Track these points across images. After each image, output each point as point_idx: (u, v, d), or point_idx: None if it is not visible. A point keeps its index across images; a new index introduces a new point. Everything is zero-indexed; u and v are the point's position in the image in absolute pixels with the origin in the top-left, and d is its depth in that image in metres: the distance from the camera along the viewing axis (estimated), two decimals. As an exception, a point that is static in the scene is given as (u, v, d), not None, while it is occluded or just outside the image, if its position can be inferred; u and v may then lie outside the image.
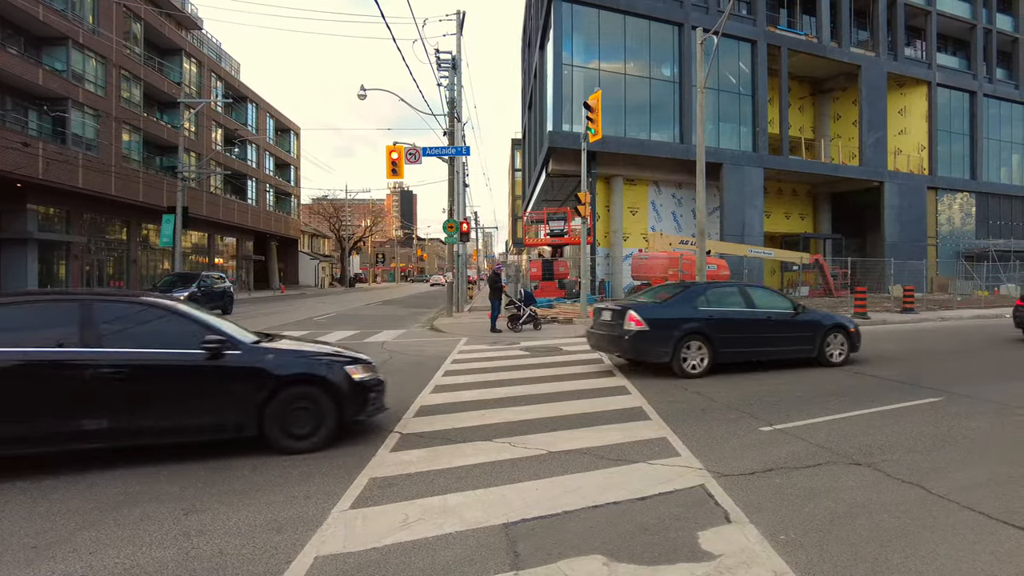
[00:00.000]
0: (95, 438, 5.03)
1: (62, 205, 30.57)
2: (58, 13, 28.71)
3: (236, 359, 5.43)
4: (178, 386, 5.30)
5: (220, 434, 5.42)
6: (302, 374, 5.61)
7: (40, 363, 4.94)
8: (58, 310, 5.39)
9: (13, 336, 4.99)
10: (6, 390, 4.85)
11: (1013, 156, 42.29)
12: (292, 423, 5.48)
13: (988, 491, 4.41)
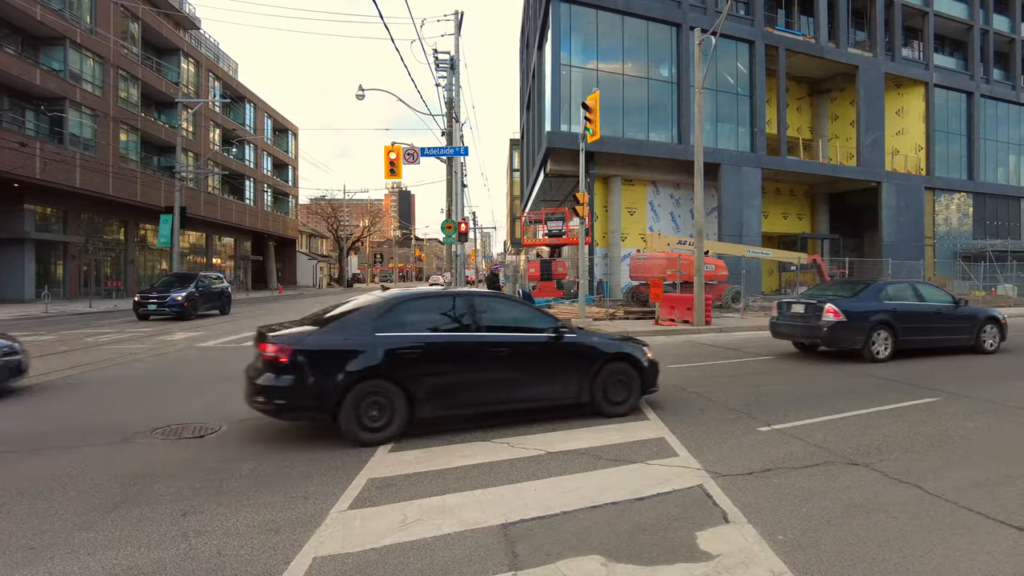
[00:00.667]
0: (502, 403, 6.42)
1: (59, 205, 30.52)
2: (55, 13, 28.67)
3: (572, 340, 6.72)
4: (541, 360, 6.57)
5: (566, 400, 6.66)
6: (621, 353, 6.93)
7: (465, 343, 6.25)
8: (454, 302, 6.58)
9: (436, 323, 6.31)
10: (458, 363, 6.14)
11: (1010, 156, 42.39)
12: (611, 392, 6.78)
13: (985, 491, 4.42)
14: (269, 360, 5.63)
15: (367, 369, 5.72)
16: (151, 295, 21.46)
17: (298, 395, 5.63)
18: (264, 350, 5.73)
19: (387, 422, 5.77)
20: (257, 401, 5.70)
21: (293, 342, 5.74)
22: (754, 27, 32.05)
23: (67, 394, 8.41)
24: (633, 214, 31.58)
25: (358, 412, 5.66)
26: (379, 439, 5.70)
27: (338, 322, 6.13)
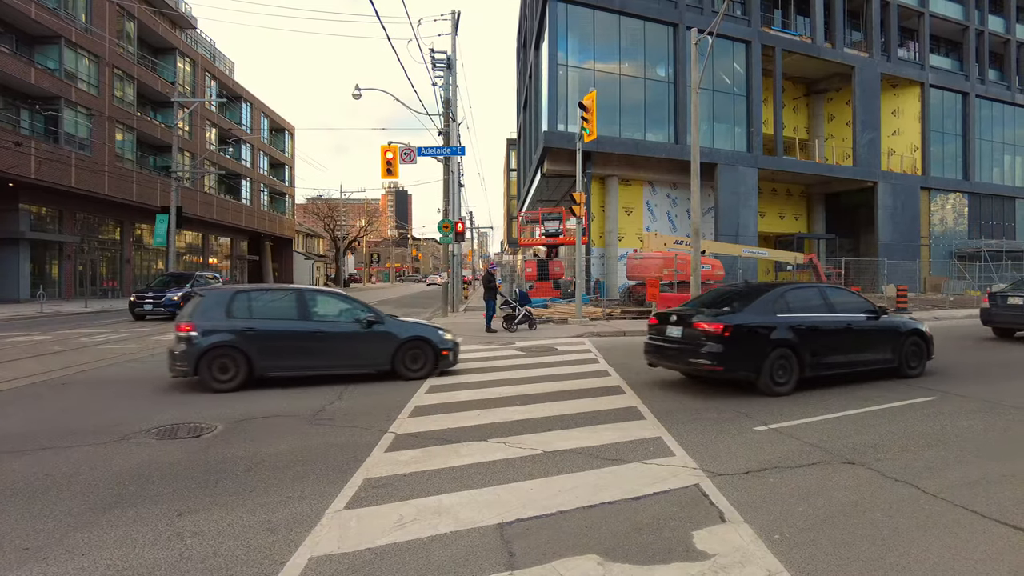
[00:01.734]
0: None
1: (55, 205, 30.42)
2: (51, 12, 28.57)
3: None
4: None
5: None
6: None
7: None
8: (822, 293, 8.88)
9: None
10: None
11: (1005, 157, 42.55)
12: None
13: (981, 490, 4.43)
14: (714, 334, 7.72)
15: (779, 340, 7.87)
16: (147, 295, 21.42)
17: (736, 360, 7.74)
18: (702, 327, 7.85)
19: (786, 381, 7.92)
20: (701, 364, 7.77)
21: (730, 321, 7.82)
22: (751, 27, 32.10)
23: (62, 394, 8.38)
24: (630, 214, 31.60)
25: (772, 372, 7.81)
26: (784, 391, 7.86)
27: (750, 306, 8.25)
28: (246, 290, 9.17)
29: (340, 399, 7.84)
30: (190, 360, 8.28)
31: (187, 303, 9.43)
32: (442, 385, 8.79)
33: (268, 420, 6.71)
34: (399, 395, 8.04)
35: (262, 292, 9.34)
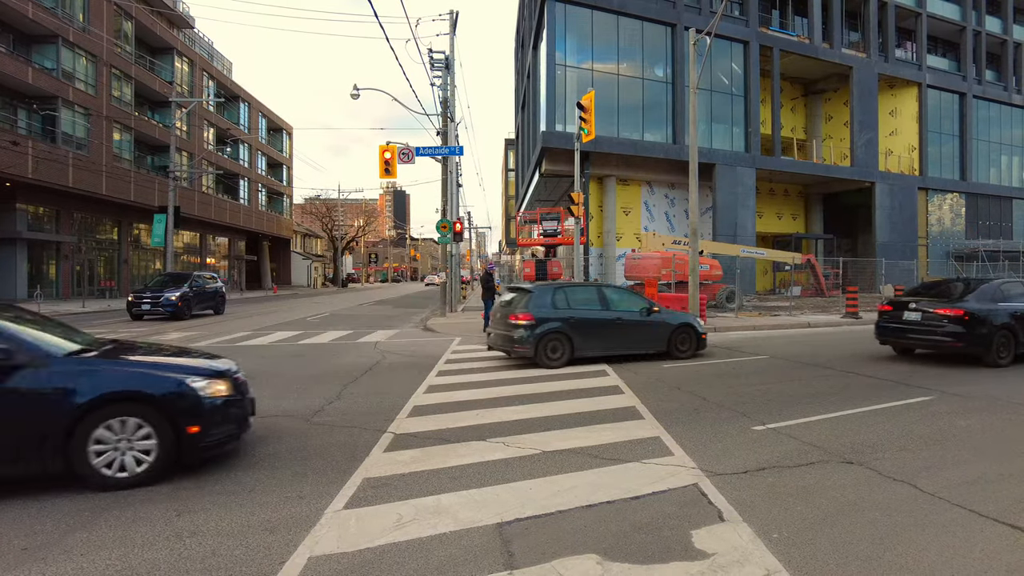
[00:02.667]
0: None
1: (52, 204, 30.36)
2: (48, 11, 28.51)
3: None
4: None
5: None
6: None
7: None
8: None
9: None
10: None
11: (1002, 157, 42.65)
12: None
13: (978, 489, 4.45)
14: (955, 318, 9.86)
15: (1002, 324, 9.90)
16: (145, 295, 21.37)
17: (971, 338, 9.79)
18: (945, 312, 9.96)
19: (1007, 356, 9.94)
20: (943, 341, 10.02)
21: (967, 307, 9.85)
22: (748, 27, 32.14)
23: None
24: (628, 214, 31.63)
25: (997, 349, 9.81)
26: (1004, 363, 9.89)
27: (974, 295, 10.20)
28: (563, 286, 10.92)
29: (339, 399, 7.84)
30: (531, 343, 10.02)
31: (515, 297, 10.88)
32: (440, 385, 8.79)
33: (267, 420, 6.70)
34: (398, 395, 8.04)
35: (574, 287, 11.07)
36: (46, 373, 4.48)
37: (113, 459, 4.52)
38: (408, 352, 12.70)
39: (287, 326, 18.94)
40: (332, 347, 13.67)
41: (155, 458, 4.61)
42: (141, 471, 4.58)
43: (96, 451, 4.47)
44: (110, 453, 4.51)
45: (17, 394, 4.37)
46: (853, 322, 18.50)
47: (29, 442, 4.36)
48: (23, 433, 4.35)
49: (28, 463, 4.36)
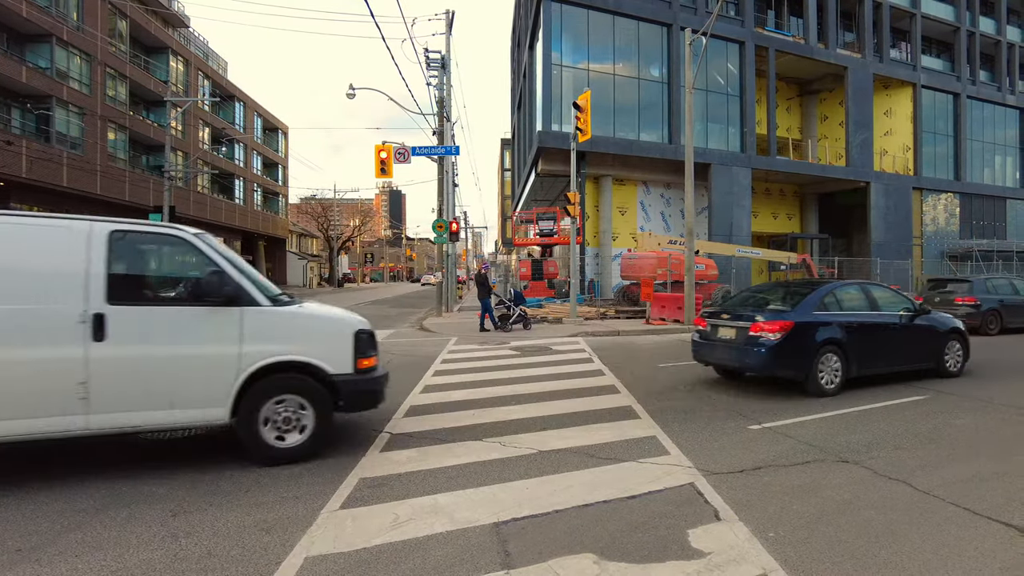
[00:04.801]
0: None
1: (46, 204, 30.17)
2: (41, 10, 28.36)
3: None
4: None
5: None
6: None
7: None
8: None
9: None
10: None
11: (996, 157, 42.82)
12: None
13: (973, 487, 4.47)
14: None
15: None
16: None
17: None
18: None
19: None
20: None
21: None
22: (744, 28, 32.20)
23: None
24: (624, 214, 31.65)
25: None
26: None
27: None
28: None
29: (335, 399, 7.81)
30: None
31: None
32: (436, 385, 8.79)
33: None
34: (394, 395, 8.02)
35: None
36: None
37: None
38: (404, 352, 12.69)
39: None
40: (328, 347, 13.61)
41: None
42: None
43: None
44: None
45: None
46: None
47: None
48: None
49: None
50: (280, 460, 5.10)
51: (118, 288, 4.75)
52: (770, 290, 9.90)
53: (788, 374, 7.94)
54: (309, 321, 5.45)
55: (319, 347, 5.32)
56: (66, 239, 4.70)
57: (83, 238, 4.75)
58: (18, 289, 4.51)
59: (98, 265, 4.70)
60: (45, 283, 4.58)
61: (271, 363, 5.10)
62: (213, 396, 4.96)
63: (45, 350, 4.53)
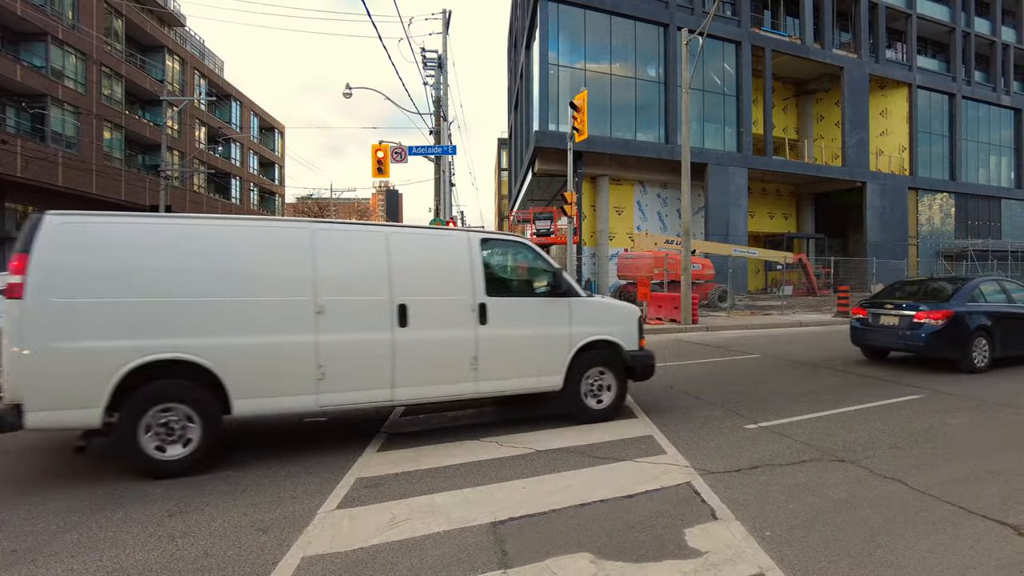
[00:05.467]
0: None
1: (41, 204, 30.02)
2: (37, 8, 28.25)
3: None
4: None
5: None
6: None
7: None
8: None
9: None
10: None
11: (991, 157, 43.00)
12: None
13: (968, 486, 4.49)
14: None
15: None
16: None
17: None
18: None
19: None
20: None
21: None
22: (741, 28, 32.25)
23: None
24: (621, 213, 31.67)
25: None
26: None
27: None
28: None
29: (331, 399, 7.80)
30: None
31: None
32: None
33: (259, 419, 6.68)
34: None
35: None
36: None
37: None
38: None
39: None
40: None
41: None
42: None
43: None
44: None
45: None
46: (844, 321, 18.59)
47: None
48: None
49: None
50: (594, 420, 6.44)
51: (490, 283, 6.08)
52: (915, 284, 11.37)
53: (947, 355, 9.52)
54: (611, 308, 6.90)
55: (619, 328, 6.74)
56: (457, 245, 6.05)
57: (466, 244, 6.06)
58: (438, 284, 5.87)
59: (478, 265, 6.02)
60: (453, 279, 5.95)
61: (591, 341, 6.48)
62: (555, 367, 6.32)
63: (454, 331, 5.83)
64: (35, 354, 4.50)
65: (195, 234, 5.11)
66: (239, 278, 5.11)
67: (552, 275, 6.47)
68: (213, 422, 4.91)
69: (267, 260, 5.26)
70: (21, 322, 4.48)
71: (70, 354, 4.57)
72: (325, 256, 5.44)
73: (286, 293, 5.24)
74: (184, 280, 4.93)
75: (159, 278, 4.86)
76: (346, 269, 5.55)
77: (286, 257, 5.32)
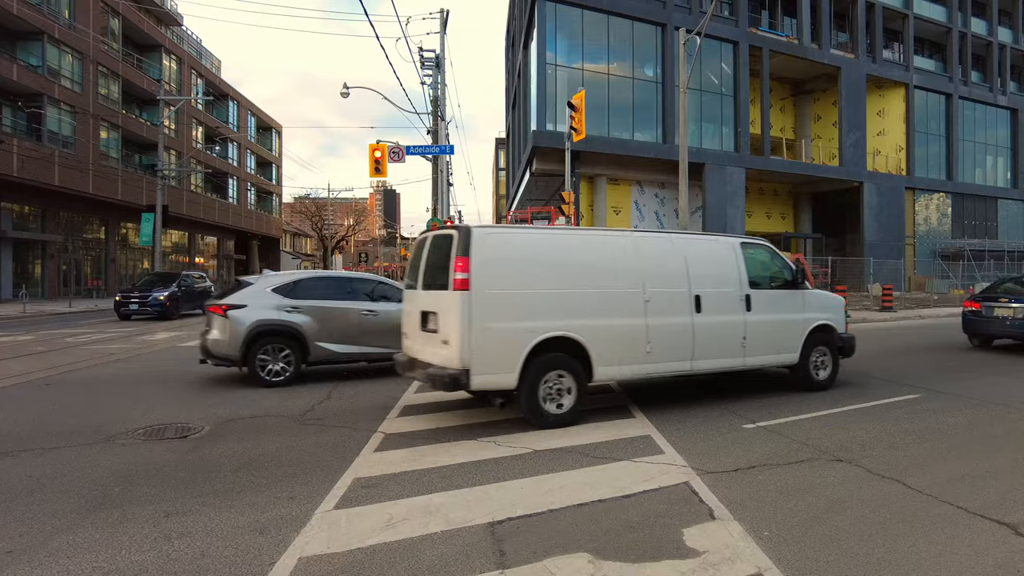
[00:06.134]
0: None
1: (38, 203, 30.02)
2: (33, 7, 28.19)
3: None
4: None
5: None
6: None
7: None
8: None
9: None
10: None
11: (987, 158, 43.09)
12: None
13: (966, 485, 4.49)
14: None
15: None
16: (133, 295, 21.19)
17: None
18: None
19: None
20: None
21: None
22: (738, 28, 32.27)
23: (46, 395, 8.26)
24: (618, 213, 31.67)
25: None
26: None
27: None
28: None
29: (329, 399, 7.80)
30: None
31: None
32: (431, 384, 8.76)
33: (256, 420, 6.67)
34: (388, 394, 8.01)
35: None
36: None
37: None
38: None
39: (277, 326, 18.80)
40: (322, 347, 13.58)
41: None
42: None
43: None
44: None
45: None
46: (841, 321, 18.63)
47: None
48: None
49: None
50: (817, 390, 8.05)
51: (755, 280, 7.72)
52: (1015, 282, 12.68)
53: None
54: (829, 298, 8.70)
55: (834, 315, 8.40)
56: (726, 247, 7.70)
57: (732, 247, 7.71)
58: (718, 279, 7.42)
59: (741, 264, 7.62)
60: (727, 275, 7.50)
61: (817, 325, 8.08)
62: (793, 346, 7.91)
63: (730, 316, 7.41)
64: (478, 332, 5.91)
65: (565, 242, 6.77)
66: (595, 274, 6.61)
67: (790, 271, 8.15)
68: (581, 386, 6.37)
69: (612, 261, 6.76)
70: (469, 308, 5.89)
71: (499, 332, 6.02)
72: (647, 258, 7.00)
73: (627, 286, 6.74)
74: (563, 276, 6.42)
75: (549, 275, 6.36)
76: (660, 268, 7.05)
77: (623, 259, 6.83)
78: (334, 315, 9.16)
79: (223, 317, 8.66)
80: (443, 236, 6.45)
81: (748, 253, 7.80)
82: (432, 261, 6.64)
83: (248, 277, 9.99)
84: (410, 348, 7.03)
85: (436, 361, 6.20)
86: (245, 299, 8.87)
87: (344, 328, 9.18)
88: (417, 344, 6.77)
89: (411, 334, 6.99)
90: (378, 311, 9.40)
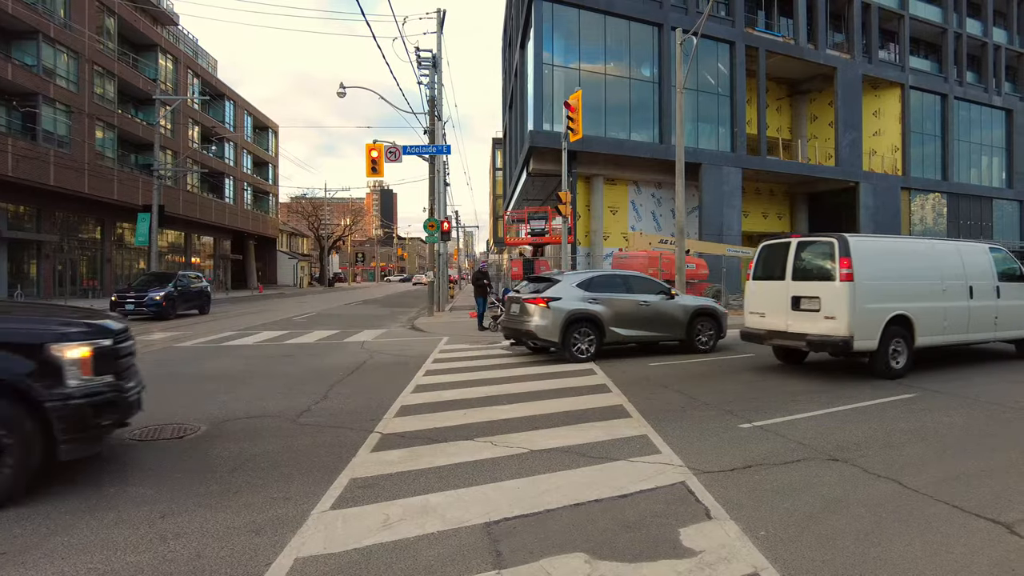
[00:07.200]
0: None
1: (33, 203, 29.90)
2: (28, 6, 28.07)
3: None
4: None
5: None
6: None
7: None
8: None
9: None
10: None
11: (983, 158, 43.25)
12: None
13: (961, 485, 4.50)
14: None
15: None
16: (128, 295, 21.14)
17: None
18: None
19: None
20: None
21: None
22: (734, 28, 32.33)
23: (41, 396, 8.20)
24: (615, 213, 31.71)
25: None
26: None
27: None
28: None
29: (325, 399, 7.79)
30: None
31: None
32: (428, 385, 8.77)
33: (253, 420, 6.65)
34: (385, 395, 8.00)
35: None
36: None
37: None
38: (395, 352, 12.65)
39: (273, 326, 18.81)
40: (318, 347, 13.59)
41: None
42: None
43: None
44: None
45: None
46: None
47: None
48: None
49: None
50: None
51: (1000, 274, 10.32)
52: None
53: None
54: None
55: None
56: (981, 250, 10.44)
57: (985, 249, 10.49)
58: (980, 273, 10.08)
59: (992, 262, 10.32)
60: (984, 270, 10.18)
61: None
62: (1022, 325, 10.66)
63: (989, 301, 10.07)
64: (859, 311, 8.50)
65: (902, 247, 9.66)
66: (918, 271, 9.41)
67: (1019, 267, 10.65)
68: (910, 350, 9.12)
69: (929, 261, 9.65)
70: (854, 294, 8.49)
71: (870, 311, 8.62)
72: (942, 259, 9.77)
73: (935, 279, 9.47)
74: (901, 272, 9.16)
75: (894, 270, 9.08)
76: (950, 266, 9.74)
77: (933, 260, 9.68)
78: (621, 305, 11.22)
79: (546, 308, 10.66)
80: (820, 242, 9.06)
81: (994, 255, 10.40)
82: (806, 259, 9.17)
83: (549, 273, 12.85)
84: (768, 323, 9.58)
85: (816, 331, 8.69)
86: (559, 292, 10.88)
87: (628, 316, 11.23)
88: (783, 320, 9.27)
89: (773, 312, 9.51)
90: (650, 302, 11.53)
